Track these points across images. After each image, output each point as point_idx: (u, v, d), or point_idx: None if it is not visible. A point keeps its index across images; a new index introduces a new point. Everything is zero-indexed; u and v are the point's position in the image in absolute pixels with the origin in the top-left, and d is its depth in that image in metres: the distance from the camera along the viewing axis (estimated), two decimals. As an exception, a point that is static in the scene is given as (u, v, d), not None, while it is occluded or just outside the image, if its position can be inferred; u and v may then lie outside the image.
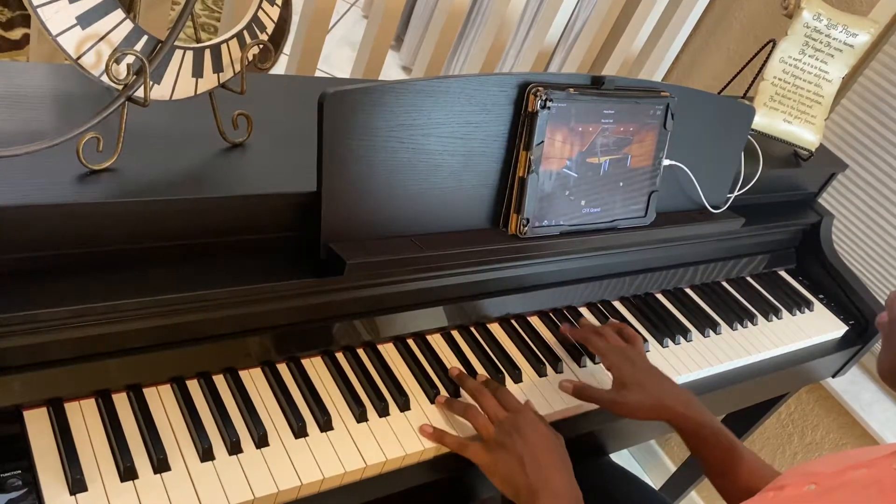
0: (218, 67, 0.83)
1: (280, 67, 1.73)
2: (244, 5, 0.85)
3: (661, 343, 1.17)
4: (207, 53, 0.81)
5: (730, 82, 1.50)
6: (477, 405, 0.91)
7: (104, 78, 0.73)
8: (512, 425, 0.86)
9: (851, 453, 0.68)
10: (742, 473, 0.92)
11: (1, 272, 0.71)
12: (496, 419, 0.88)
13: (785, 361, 1.31)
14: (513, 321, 1.08)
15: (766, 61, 1.37)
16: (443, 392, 0.93)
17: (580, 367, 1.06)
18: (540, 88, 0.93)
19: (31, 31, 1.59)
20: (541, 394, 0.99)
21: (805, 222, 1.51)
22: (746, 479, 0.91)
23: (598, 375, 1.06)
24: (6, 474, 0.68)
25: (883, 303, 1.48)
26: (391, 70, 3.10)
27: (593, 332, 1.04)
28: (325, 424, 0.84)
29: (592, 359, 1.08)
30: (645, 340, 1.14)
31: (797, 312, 1.40)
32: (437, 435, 0.88)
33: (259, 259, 0.85)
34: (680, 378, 1.14)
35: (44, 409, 0.74)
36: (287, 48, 1.49)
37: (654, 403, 0.95)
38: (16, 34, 1.90)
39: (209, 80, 0.82)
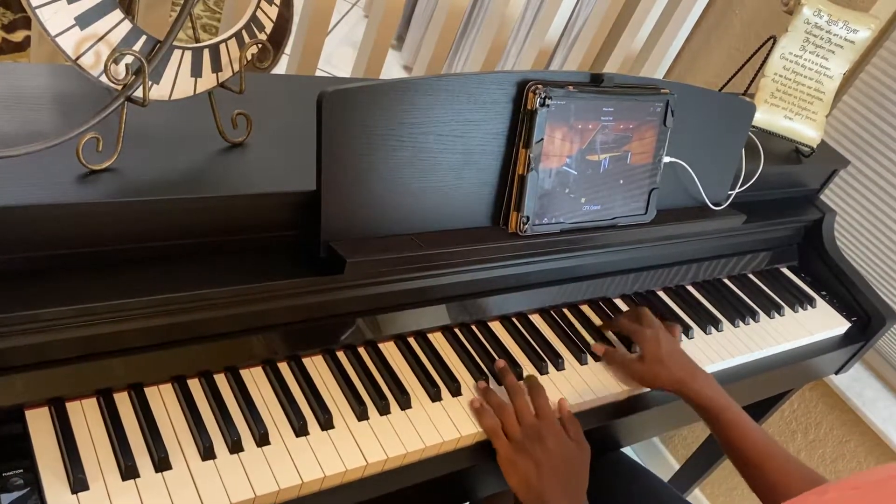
0: (217, 67, 0.83)
1: (281, 67, 1.73)
2: (244, 6, 0.85)
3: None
4: (206, 53, 0.81)
5: (730, 79, 1.50)
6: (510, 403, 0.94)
7: (103, 78, 0.73)
8: (536, 432, 0.90)
9: None
10: (770, 470, 0.94)
11: (2, 272, 0.71)
12: (524, 422, 0.91)
13: (787, 358, 1.30)
14: (514, 319, 1.08)
15: (766, 58, 1.37)
16: (444, 391, 0.94)
17: (581, 364, 1.06)
18: (539, 86, 0.93)
19: (32, 33, 1.59)
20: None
21: (807, 219, 1.51)
22: (775, 476, 0.94)
23: (600, 375, 1.06)
24: (8, 473, 0.69)
25: (886, 300, 1.48)
26: (392, 69, 3.10)
27: (626, 317, 1.12)
28: (327, 423, 0.84)
29: (595, 357, 1.08)
30: (689, 328, 1.21)
31: (799, 309, 1.39)
32: (479, 411, 0.92)
33: (259, 258, 0.85)
34: (682, 375, 1.14)
35: (45, 409, 0.74)
36: (287, 48, 1.50)
37: (669, 375, 1.02)
38: (18, 36, 1.91)
39: (208, 80, 0.83)
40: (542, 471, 0.87)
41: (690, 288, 1.32)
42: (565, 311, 1.14)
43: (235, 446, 0.78)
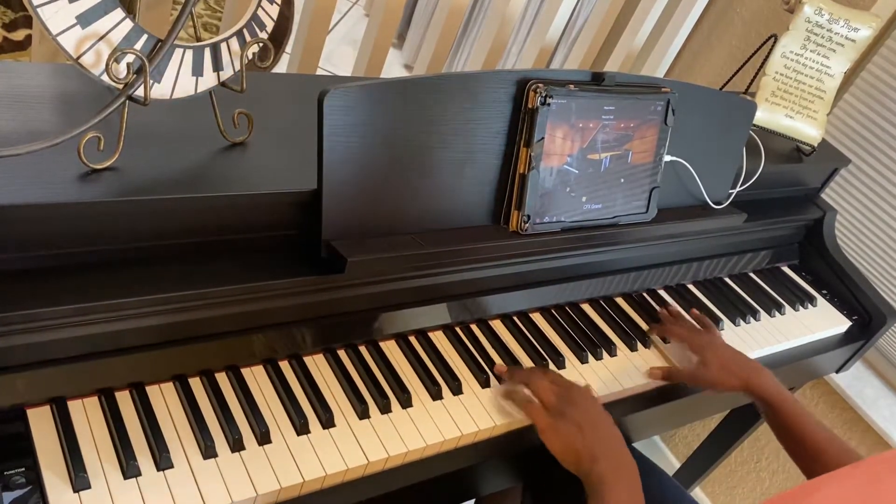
0: (218, 66, 0.83)
1: (282, 66, 1.73)
2: (245, 4, 0.85)
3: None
4: (207, 52, 0.81)
5: (731, 78, 1.50)
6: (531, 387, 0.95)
7: (104, 77, 0.73)
8: (569, 396, 0.92)
9: None
10: (825, 463, 1.00)
11: (4, 271, 0.71)
12: (554, 392, 0.93)
13: (788, 357, 1.31)
14: (514, 318, 1.08)
15: (767, 56, 1.37)
16: (445, 389, 0.94)
17: (582, 363, 1.06)
18: (540, 85, 0.93)
19: (33, 31, 1.59)
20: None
21: (808, 218, 1.51)
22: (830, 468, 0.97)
23: (601, 373, 1.06)
24: (10, 472, 0.69)
25: (887, 298, 1.48)
26: (393, 68, 3.10)
27: (674, 324, 1.17)
28: (328, 421, 0.84)
29: (595, 356, 1.08)
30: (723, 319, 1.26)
31: (800, 308, 1.39)
32: (506, 393, 0.95)
33: (260, 257, 0.85)
34: (683, 374, 1.14)
35: (47, 408, 0.74)
36: (288, 47, 1.50)
37: (738, 377, 1.07)
38: (19, 35, 1.91)
39: (209, 79, 0.83)
40: (584, 430, 0.88)
41: (691, 287, 1.32)
42: (566, 309, 1.14)
43: (237, 445, 0.78)
